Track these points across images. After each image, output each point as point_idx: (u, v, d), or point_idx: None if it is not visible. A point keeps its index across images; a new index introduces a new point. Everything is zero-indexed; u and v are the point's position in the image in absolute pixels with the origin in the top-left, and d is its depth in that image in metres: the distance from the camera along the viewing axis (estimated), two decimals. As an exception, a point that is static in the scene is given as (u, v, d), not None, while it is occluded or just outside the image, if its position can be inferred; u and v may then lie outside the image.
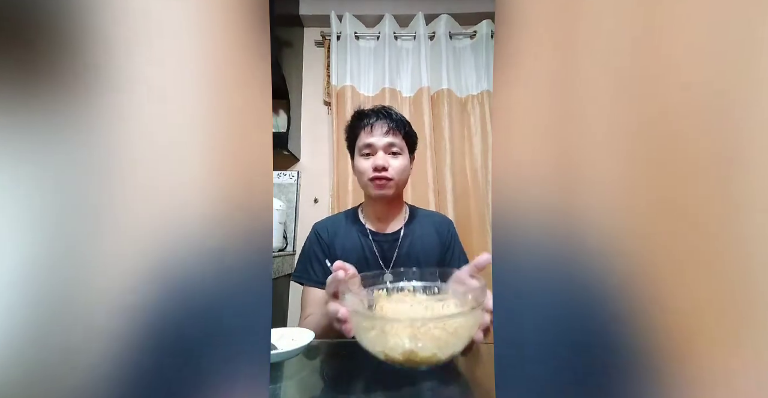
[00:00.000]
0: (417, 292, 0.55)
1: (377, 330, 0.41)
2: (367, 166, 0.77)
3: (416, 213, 0.92)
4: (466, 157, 1.74)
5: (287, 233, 1.75)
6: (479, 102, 1.76)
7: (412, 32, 1.82)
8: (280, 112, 1.74)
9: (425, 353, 0.39)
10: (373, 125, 0.78)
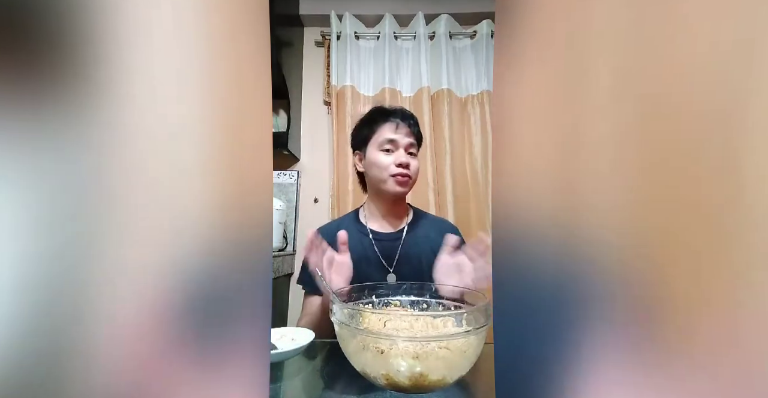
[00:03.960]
0: (405, 307, 0.52)
1: (372, 350, 0.35)
2: (390, 161, 0.78)
3: (421, 215, 0.92)
4: (466, 157, 1.74)
5: (287, 233, 1.75)
6: (479, 102, 1.76)
7: (412, 32, 1.82)
8: (280, 112, 1.74)
9: (434, 376, 0.35)
10: (399, 123, 0.80)
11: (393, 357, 0.35)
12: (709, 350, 0.14)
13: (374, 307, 0.51)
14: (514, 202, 0.21)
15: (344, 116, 1.71)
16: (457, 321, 0.43)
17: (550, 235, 0.19)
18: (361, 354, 0.37)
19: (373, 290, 0.53)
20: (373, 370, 0.37)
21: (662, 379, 0.15)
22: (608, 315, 0.17)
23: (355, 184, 1.62)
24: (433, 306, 0.52)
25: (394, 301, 0.53)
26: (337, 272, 0.61)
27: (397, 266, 0.80)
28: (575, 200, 0.18)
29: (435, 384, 0.36)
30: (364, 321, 0.41)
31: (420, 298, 0.53)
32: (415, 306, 0.52)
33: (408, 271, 0.79)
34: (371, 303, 0.52)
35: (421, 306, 0.52)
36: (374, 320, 0.41)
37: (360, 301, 0.51)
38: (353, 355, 0.39)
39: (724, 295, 0.13)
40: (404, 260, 0.81)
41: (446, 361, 0.35)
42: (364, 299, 0.52)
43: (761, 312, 0.13)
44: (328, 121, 1.85)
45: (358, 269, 0.70)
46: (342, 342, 0.40)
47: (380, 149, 0.79)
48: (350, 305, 0.46)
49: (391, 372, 0.35)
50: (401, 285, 0.54)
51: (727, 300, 0.13)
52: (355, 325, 0.39)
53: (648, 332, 0.15)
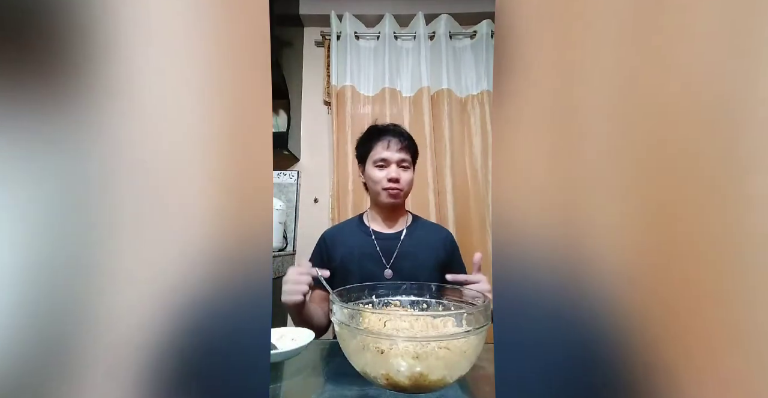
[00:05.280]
0: (405, 307, 0.52)
1: (372, 350, 0.36)
2: (382, 176, 0.90)
3: (419, 220, 1.02)
4: (466, 157, 1.74)
5: (287, 233, 1.75)
6: (479, 102, 1.76)
7: (412, 32, 1.82)
8: (280, 112, 1.74)
9: (434, 376, 0.35)
10: (390, 141, 0.90)
11: (393, 357, 0.35)
12: (706, 350, 0.14)
13: (374, 307, 0.51)
14: (513, 203, 0.21)
15: (344, 116, 1.71)
16: (457, 321, 0.43)
17: (550, 236, 0.19)
18: (361, 354, 0.37)
19: (373, 290, 0.53)
20: (373, 370, 0.37)
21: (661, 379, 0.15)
22: (608, 314, 0.17)
23: (355, 184, 1.62)
24: (433, 306, 0.52)
25: (394, 301, 0.53)
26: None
27: (395, 262, 0.89)
28: (573, 202, 0.18)
29: (435, 384, 0.36)
30: (364, 321, 0.41)
31: (420, 298, 0.53)
32: (415, 306, 0.52)
33: (405, 268, 0.88)
34: (371, 303, 0.52)
35: (421, 305, 0.52)
36: (374, 320, 0.41)
37: (360, 301, 0.51)
38: (353, 355, 0.39)
39: (721, 296, 0.13)
40: (402, 258, 0.90)
41: (446, 361, 0.35)
42: (364, 299, 0.52)
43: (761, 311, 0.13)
44: (328, 121, 1.85)
45: (360, 264, 0.88)
46: (342, 342, 0.40)
47: (375, 165, 0.91)
48: (350, 305, 0.46)
49: (391, 372, 0.35)
50: (401, 285, 0.54)
51: (722, 301, 0.13)
52: (355, 325, 0.39)
53: (648, 331, 0.15)
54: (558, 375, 0.18)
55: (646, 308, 0.15)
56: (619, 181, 0.16)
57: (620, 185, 0.16)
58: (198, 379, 0.18)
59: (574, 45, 0.18)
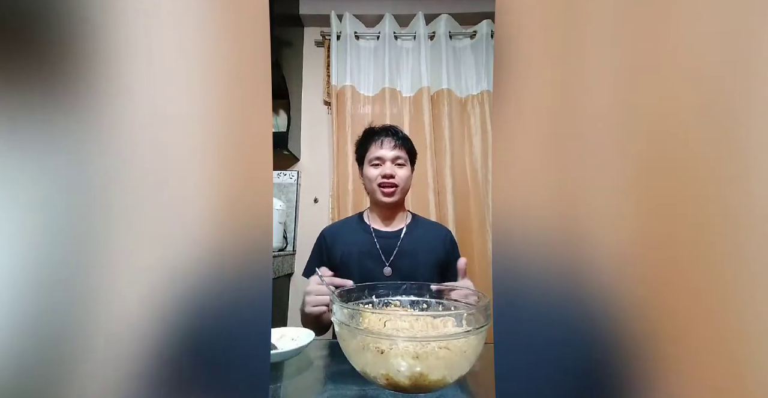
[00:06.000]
0: (405, 307, 0.52)
1: (372, 350, 0.36)
2: (377, 173, 0.91)
3: (418, 219, 1.02)
4: (466, 157, 1.74)
5: (287, 233, 1.75)
6: (479, 102, 1.76)
7: (412, 32, 1.82)
8: (280, 112, 1.74)
9: (434, 376, 0.35)
10: (383, 140, 0.92)
11: (393, 357, 0.35)
12: (703, 351, 0.14)
13: (374, 307, 0.51)
14: (513, 203, 0.21)
15: (344, 116, 1.71)
16: (457, 321, 0.43)
17: (549, 236, 0.19)
18: (361, 354, 0.37)
19: (373, 290, 0.53)
20: (373, 370, 0.37)
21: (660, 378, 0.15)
22: (608, 314, 0.17)
23: (355, 184, 1.62)
24: (433, 306, 0.52)
25: (394, 301, 0.53)
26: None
27: (395, 260, 0.90)
28: (573, 201, 0.18)
29: (435, 384, 0.36)
30: (364, 321, 0.41)
31: (420, 298, 0.53)
32: (415, 305, 0.52)
33: (404, 266, 0.89)
34: (371, 303, 0.52)
35: (421, 305, 0.52)
36: (374, 320, 0.41)
37: (360, 301, 0.51)
38: (353, 355, 0.39)
39: (721, 295, 0.13)
40: (401, 256, 0.90)
41: (446, 361, 0.35)
42: (364, 299, 0.52)
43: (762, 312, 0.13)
44: (328, 121, 1.85)
45: (360, 261, 0.89)
46: (342, 342, 0.40)
47: (370, 164, 0.93)
48: (350, 305, 0.46)
49: (391, 372, 0.35)
50: (401, 285, 0.54)
51: (721, 301, 0.13)
52: (355, 325, 0.39)
53: (647, 330, 0.15)
54: (558, 374, 0.18)
55: (646, 307, 0.15)
56: (619, 181, 0.16)
57: (620, 184, 0.16)
58: (198, 379, 0.18)
59: (573, 45, 0.18)
